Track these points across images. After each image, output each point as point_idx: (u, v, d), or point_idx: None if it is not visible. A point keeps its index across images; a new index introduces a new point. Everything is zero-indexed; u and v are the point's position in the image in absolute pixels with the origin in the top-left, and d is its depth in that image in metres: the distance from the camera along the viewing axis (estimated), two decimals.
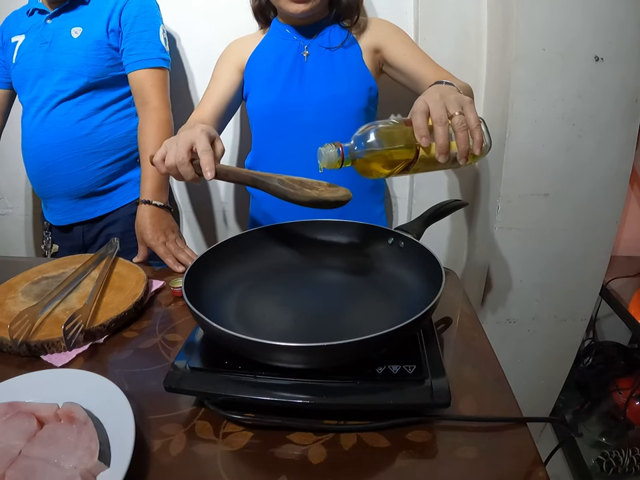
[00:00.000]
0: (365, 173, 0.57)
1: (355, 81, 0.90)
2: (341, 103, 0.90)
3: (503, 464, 0.44)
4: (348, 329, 0.57)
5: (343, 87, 0.89)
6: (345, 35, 0.90)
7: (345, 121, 0.91)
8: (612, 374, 1.32)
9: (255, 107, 0.94)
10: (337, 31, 0.91)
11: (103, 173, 1.01)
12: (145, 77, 0.95)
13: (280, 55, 0.91)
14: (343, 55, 0.90)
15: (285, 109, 0.90)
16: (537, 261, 1.11)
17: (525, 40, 0.93)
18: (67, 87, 0.95)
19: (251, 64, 0.93)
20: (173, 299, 0.75)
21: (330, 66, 0.90)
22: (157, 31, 0.97)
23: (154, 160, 0.63)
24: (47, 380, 0.52)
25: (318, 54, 0.90)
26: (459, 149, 0.54)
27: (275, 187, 0.57)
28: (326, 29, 0.91)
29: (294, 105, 0.90)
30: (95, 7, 0.95)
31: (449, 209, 0.80)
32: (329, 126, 0.90)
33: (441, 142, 0.53)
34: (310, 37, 0.91)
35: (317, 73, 0.90)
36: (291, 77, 0.90)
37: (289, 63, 0.90)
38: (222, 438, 0.47)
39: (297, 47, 0.91)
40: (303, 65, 0.90)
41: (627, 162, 1.02)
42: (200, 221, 1.39)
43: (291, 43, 0.91)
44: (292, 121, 0.91)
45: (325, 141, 0.90)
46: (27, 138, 1.02)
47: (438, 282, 0.53)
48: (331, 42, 0.90)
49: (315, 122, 0.90)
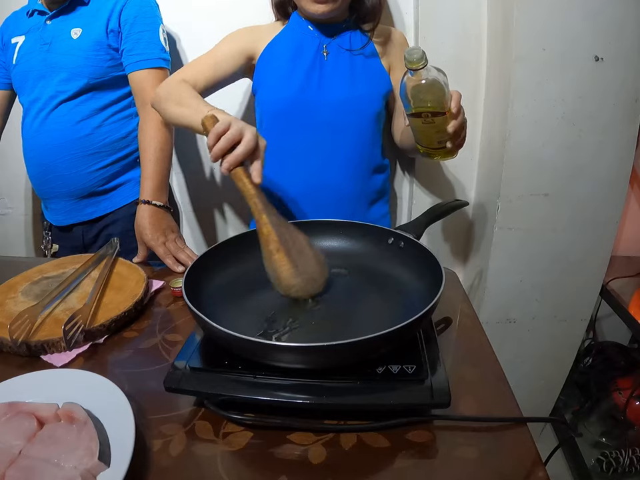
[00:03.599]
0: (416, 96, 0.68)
1: (374, 84, 0.90)
2: (359, 105, 0.90)
3: (503, 464, 0.44)
4: (348, 329, 0.57)
5: (362, 91, 0.89)
6: (366, 40, 0.90)
7: (361, 123, 0.91)
8: (612, 374, 1.32)
9: (269, 101, 0.92)
10: (358, 36, 0.91)
11: (103, 173, 1.01)
12: (145, 77, 0.95)
13: (299, 50, 0.90)
14: (362, 59, 0.90)
15: (302, 105, 0.89)
16: (536, 261, 1.11)
17: (525, 40, 0.93)
18: (67, 88, 0.95)
19: (266, 55, 0.91)
20: (173, 299, 0.75)
21: (349, 67, 0.90)
22: (157, 31, 0.97)
23: (215, 127, 0.61)
24: (47, 380, 0.52)
25: (338, 54, 0.90)
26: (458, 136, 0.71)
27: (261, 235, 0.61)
28: (347, 32, 0.91)
29: (311, 102, 0.89)
30: (94, 7, 0.95)
31: (449, 209, 0.80)
32: (344, 127, 0.90)
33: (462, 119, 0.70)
34: (330, 37, 0.91)
35: (336, 73, 0.89)
36: (311, 74, 0.89)
37: (309, 60, 0.89)
38: (222, 438, 0.47)
39: (318, 44, 0.90)
40: (322, 63, 0.90)
41: (627, 162, 1.02)
42: (200, 221, 1.39)
43: (311, 39, 0.90)
44: (307, 119, 0.90)
45: (337, 141, 0.91)
46: (27, 139, 1.02)
47: (438, 282, 0.53)
48: (351, 45, 0.90)
49: (330, 122, 0.90)
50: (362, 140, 0.92)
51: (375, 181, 0.97)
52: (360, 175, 0.94)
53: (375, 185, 0.97)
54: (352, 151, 0.92)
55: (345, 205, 0.94)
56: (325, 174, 0.92)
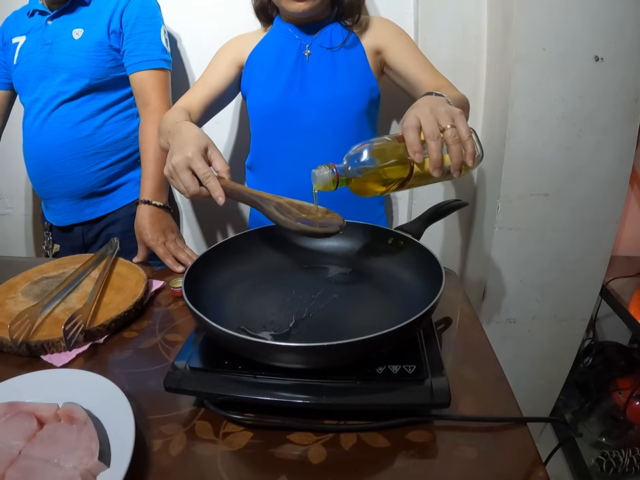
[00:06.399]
0: (361, 192, 0.57)
1: (357, 81, 0.90)
2: (342, 103, 0.89)
3: (503, 464, 0.44)
4: (348, 328, 0.57)
5: (345, 88, 0.89)
6: (346, 34, 0.90)
7: (346, 122, 0.91)
8: (612, 374, 1.32)
9: (255, 106, 0.94)
10: (339, 30, 0.91)
11: (104, 174, 1.01)
12: (146, 78, 0.95)
13: (281, 54, 0.91)
14: (345, 55, 0.90)
15: (286, 108, 0.90)
16: (536, 261, 1.11)
17: (525, 40, 0.93)
18: (69, 88, 0.95)
19: (251, 61, 0.93)
20: (173, 299, 0.75)
21: (331, 66, 0.89)
22: (158, 32, 0.97)
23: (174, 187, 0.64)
24: (47, 380, 0.52)
25: (319, 54, 0.90)
26: (453, 162, 0.53)
27: (269, 212, 0.60)
28: (327, 28, 0.91)
29: (295, 105, 0.90)
30: (95, 8, 0.95)
31: (449, 209, 0.80)
32: (330, 127, 0.90)
33: (435, 157, 0.52)
34: (312, 36, 0.91)
35: (318, 73, 0.90)
36: (293, 77, 0.90)
37: (291, 62, 0.90)
38: (222, 438, 0.47)
39: (299, 46, 0.91)
40: (304, 65, 0.90)
41: (627, 162, 1.02)
42: (200, 220, 1.39)
43: (292, 42, 0.91)
44: (293, 121, 0.90)
45: (323, 142, 0.90)
46: (28, 139, 1.02)
47: (438, 282, 0.53)
48: (332, 41, 0.90)
49: (315, 122, 0.90)
50: (350, 138, 0.91)
51: None
52: None
53: None
54: (340, 149, 0.91)
55: (337, 205, 0.94)
56: None
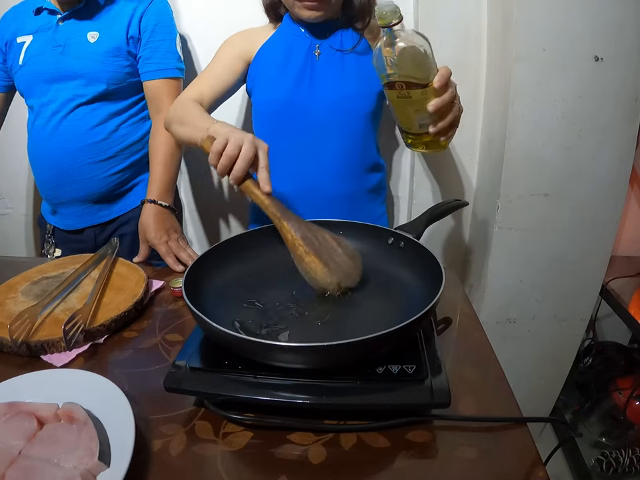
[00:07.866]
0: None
1: (366, 84, 0.90)
2: (350, 104, 0.90)
3: (503, 464, 0.44)
4: (348, 328, 0.57)
5: (354, 89, 0.89)
6: (357, 38, 0.90)
7: (353, 122, 0.91)
8: (612, 374, 1.32)
9: (262, 102, 0.93)
10: (349, 34, 0.91)
11: (119, 177, 1.00)
12: (161, 87, 0.95)
13: (291, 51, 0.90)
14: (355, 57, 0.90)
15: (294, 106, 0.90)
16: (536, 261, 1.11)
17: (525, 40, 0.93)
18: (86, 92, 0.93)
19: (259, 57, 0.92)
20: (173, 298, 0.75)
21: (341, 67, 0.89)
22: (174, 40, 0.97)
23: (213, 146, 0.61)
24: (47, 380, 0.52)
25: (329, 54, 0.90)
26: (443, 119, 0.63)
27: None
28: (338, 32, 0.91)
29: (303, 103, 0.89)
30: (111, 12, 0.94)
31: (449, 209, 0.80)
32: (337, 126, 0.90)
33: (447, 98, 0.61)
34: (322, 37, 0.91)
35: (327, 73, 0.89)
36: (302, 75, 0.89)
37: (300, 60, 0.90)
38: (222, 438, 0.47)
39: (309, 44, 0.90)
40: (314, 64, 0.90)
41: (627, 162, 1.02)
42: (204, 220, 1.39)
43: (302, 40, 0.91)
44: (300, 119, 0.90)
45: (330, 141, 0.91)
46: (38, 142, 0.99)
47: (438, 282, 0.53)
48: (342, 44, 0.90)
49: (323, 121, 0.90)
50: (355, 139, 0.92)
51: (370, 180, 0.97)
52: (354, 174, 0.94)
53: (369, 183, 0.97)
54: (345, 149, 0.92)
55: (340, 204, 0.94)
56: (318, 174, 0.92)
